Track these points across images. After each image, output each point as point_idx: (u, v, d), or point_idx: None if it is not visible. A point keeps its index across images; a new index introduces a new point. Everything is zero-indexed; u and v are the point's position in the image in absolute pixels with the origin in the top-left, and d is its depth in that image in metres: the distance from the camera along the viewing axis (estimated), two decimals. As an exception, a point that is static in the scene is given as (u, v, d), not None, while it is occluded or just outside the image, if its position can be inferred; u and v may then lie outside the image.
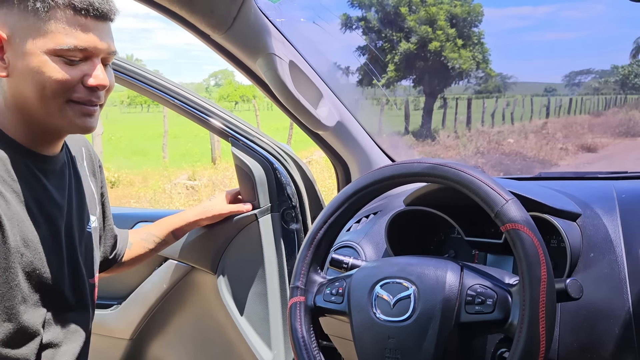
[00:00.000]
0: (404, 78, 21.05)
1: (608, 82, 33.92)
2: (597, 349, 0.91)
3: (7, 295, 0.94)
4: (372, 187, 0.98)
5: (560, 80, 41.29)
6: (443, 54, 19.72)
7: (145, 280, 1.67)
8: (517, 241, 0.80)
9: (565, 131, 16.15)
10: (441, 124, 17.65)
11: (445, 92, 21.69)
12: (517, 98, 24.06)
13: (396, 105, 17.92)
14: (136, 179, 9.26)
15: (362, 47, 19.56)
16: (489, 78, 24.04)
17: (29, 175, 0.98)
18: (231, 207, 1.51)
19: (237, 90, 59.60)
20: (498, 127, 17.44)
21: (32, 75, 0.91)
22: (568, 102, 25.14)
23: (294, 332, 0.97)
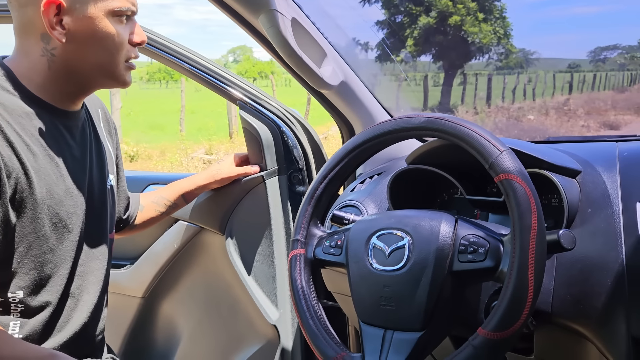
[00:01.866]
0: (423, 53, 20.75)
1: (635, 57, 33.03)
2: (590, 301, 0.92)
3: (35, 245, 0.99)
4: (371, 142, 0.99)
5: (585, 56, 40.27)
6: (463, 28, 19.36)
7: (156, 241, 1.71)
8: (510, 191, 0.81)
9: (587, 108, 15.83)
10: (460, 100, 17.43)
11: (465, 68, 21.36)
12: (539, 74, 23.58)
13: (415, 81, 17.72)
14: (154, 152, 9.37)
15: (381, 21, 19.27)
16: (510, 53, 23.55)
17: (55, 131, 1.03)
18: (239, 170, 1.53)
19: (255, 66, 59.46)
20: (518, 104, 17.17)
21: (98, 37, 0.98)
22: (592, 78, 24.59)
23: (293, 283, 0.99)
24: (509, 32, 20.74)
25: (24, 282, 0.99)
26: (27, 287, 0.99)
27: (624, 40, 67.38)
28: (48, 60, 0.99)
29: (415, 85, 17.52)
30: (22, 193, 0.95)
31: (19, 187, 0.95)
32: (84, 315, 1.09)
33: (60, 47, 0.98)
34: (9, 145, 0.94)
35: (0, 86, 0.98)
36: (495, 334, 0.78)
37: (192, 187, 1.48)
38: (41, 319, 1.02)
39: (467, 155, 0.93)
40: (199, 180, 1.49)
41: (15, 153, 0.94)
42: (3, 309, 0.98)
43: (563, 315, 0.94)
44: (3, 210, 0.93)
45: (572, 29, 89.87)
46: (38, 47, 0.98)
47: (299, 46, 1.15)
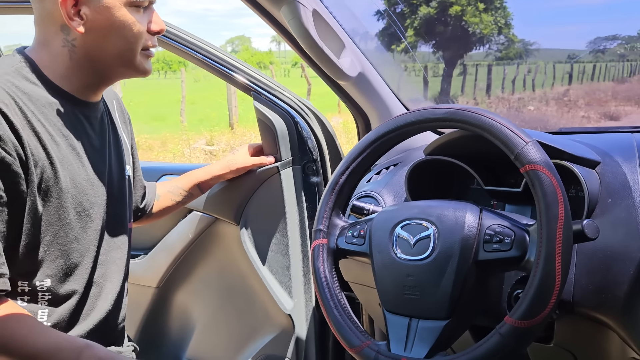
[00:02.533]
0: (424, 44, 20.69)
1: (635, 48, 32.95)
2: (612, 290, 0.93)
3: (61, 233, 1.01)
4: (394, 133, 1.00)
5: (585, 47, 40.16)
6: (464, 18, 19.30)
7: (170, 231, 1.72)
8: (536, 181, 0.82)
9: (587, 98, 15.82)
10: (460, 91, 17.40)
11: (465, 59, 21.30)
12: (539, 65, 23.53)
13: (414, 71, 17.67)
14: (155, 143, 9.36)
15: (383, 11, 19.16)
16: (510, 44, 23.49)
17: (76, 121, 1.04)
18: (254, 160, 1.54)
19: (253, 56, 59.24)
20: (518, 94, 17.14)
21: (117, 26, 0.98)
22: (592, 69, 24.55)
23: (316, 272, 1.01)
24: (509, 22, 20.69)
25: (51, 271, 1.01)
26: (54, 275, 1.01)
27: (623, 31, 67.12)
28: (69, 51, 1.00)
29: (415, 76, 17.48)
30: (48, 182, 0.97)
31: (44, 176, 0.96)
32: (108, 303, 1.11)
33: (79, 37, 0.98)
34: (35, 135, 0.95)
35: (25, 77, 0.99)
36: (522, 322, 0.79)
37: (208, 177, 1.49)
38: (68, 307, 1.03)
39: (484, 146, 0.94)
40: (214, 170, 1.50)
41: (40, 143, 0.96)
42: (31, 298, 1.00)
43: (585, 304, 0.96)
44: (31, 199, 0.95)
45: (571, 19, 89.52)
46: (59, 38, 0.99)
47: (320, 37, 1.16)
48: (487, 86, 17.41)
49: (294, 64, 53.84)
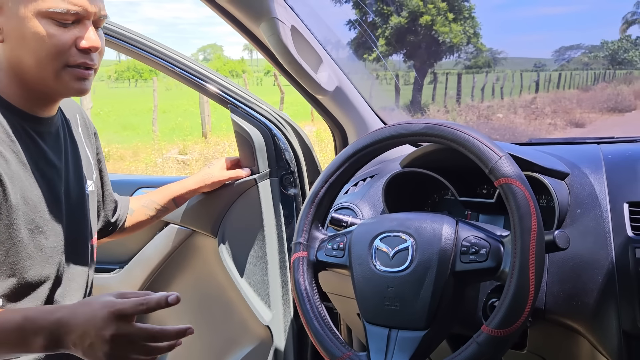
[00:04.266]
0: (395, 52, 20.96)
1: (597, 57, 33.95)
2: (582, 297, 0.97)
3: (12, 251, 0.97)
4: (372, 147, 1.02)
5: (550, 56, 41.22)
6: (434, 28, 19.63)
7: (147, 245, 1.71)
8: (510, 194, 0.85)
9: (554, 106, 16.22)
10: (431, 99, 17.66)
11: (436, 67, 21.65)
12: (506, 73, 24.05)
13: (386, 80, 17.87)
14: (127, 153, 9.24)
15: (353, 21, 19.38)
16: (479, 53, 23.98)
17: (26, 137, 1.00)
18: (230, 174, 1.54)
19: (225, 65, 59.03)
20: (488, 102, 17.49)
21: (28, 39, 0.93)
22: (557, 77, 25.20)
23: (297, 285, 1.02)
24: (478, 32, 21.13)
25: (4, 290, 0.97)
26: (7, 295, 0.97)
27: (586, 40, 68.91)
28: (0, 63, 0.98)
29: (387, 84, 17.67)
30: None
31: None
32: None
33: (0, 47, 0.96)
34: None
35: None
36: (499, 331, 0.82)
37: (183, 191, 1.48)
38: None
39: (458, 159, 0.97)
40: (189, 184, 1.49)
41: None
42: None
43: (556, 311, 0.99)
44: None
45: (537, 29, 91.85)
46: None
47: (298, 52, 1.18)
48: (457, 94, 17.70)
49: (267, 72, 53.82)
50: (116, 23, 1.48)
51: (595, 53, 34.82)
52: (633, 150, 1.13)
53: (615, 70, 30.85)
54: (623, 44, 34.13)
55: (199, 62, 1.56)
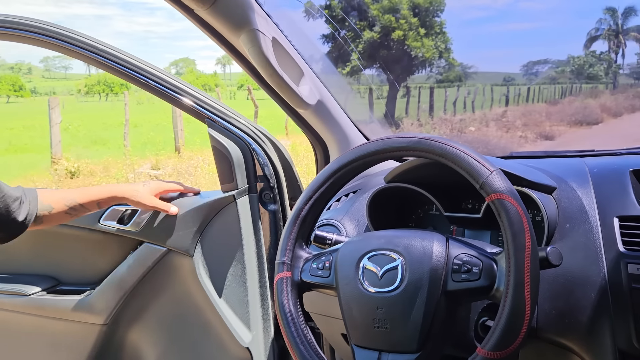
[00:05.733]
0: (368, 67, 21.16)
1: (564, 71, 34.89)
2: (575, 315, 0.94)
3: None
4: (357, 162, 0.99)
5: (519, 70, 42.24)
6: (406, 42, 19.91)
7: (120, 265, 1.63)
8: (502, 211, 0.82)
9: (524, 119, 16.56)
10: (405, 112, 17.84)
11: (408, 81, 21.91)
12: (477, 87, 24.51)
13: (360, 93, 18.01)
14: (97, 168, 9.03)
15: (327, 35, 19.52)
16: (451, 67, 24.37)
17: None
18: (156, 203, 1.50)
19: (198, 79, 58.72)
20: (460, 115, 17.75)
21: None
22: (526, 91, 25.77)
23: (281, 307, 0.97)
24: (449, 47, 21.50)
25: None
26: None
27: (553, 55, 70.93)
28: None
29: (361, 98, 17.80)
30: None
31: None
32: None
33: None
34: None
35: None
36: (495, 354, 0.78)
37: (108, 196, 1.44)
38: None
39: (443, 173, 0.94)
40: (116, 192, 1.45)
41: None
42: None
43: (549, 329, 0.97)
44: None
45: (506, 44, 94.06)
46: None
47: (279, 65, 1.14)
48: (429, 108, 17.92)
49: (240, 86, 53.68)
50: (86, 34, 1.42)
51: (562, 68, 35.83)
52: (618, 163, 1.12)
53: (581, 84, 31.75)
54: (588, 59, 35.21)
55: (174, 76, 1.51)
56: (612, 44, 41.15)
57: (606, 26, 42.42)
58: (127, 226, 1.60)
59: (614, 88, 31.06)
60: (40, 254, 1.71)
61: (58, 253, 1.70)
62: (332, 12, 20.70)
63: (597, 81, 33.42)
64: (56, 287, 1.70)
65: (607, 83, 33.51)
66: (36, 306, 1.67)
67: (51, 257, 1.71)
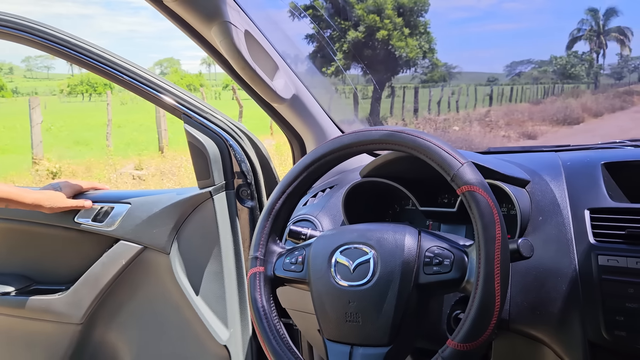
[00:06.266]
0: (353, 66, 21.20)
1: (547, 71, 35.29)
2: (546, 306, 0.95)
3: None
4: (331, 155, 0.98)
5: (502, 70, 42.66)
6: (390, 42, 19.98)
7: (95, 263, 1.61)
8: (473, 202, 0.82)
9: (507, 119, 16.71)
10: (389, 112, 17.90)
11: (393, 81, 21.99)
12: (461, 87, 24.68)
13: (345, 93, 18.02)
14: (79, 169, 8.93)
15: (311, 35, 19.51)
16: (435, 67, 24.50)
17: None
18: (71, 203, 1.53)
19: (183, 79, 58.40)
20: (444, 115, 17.85)
21: None
22: (509, 91, 26.01)
23: (253, 302, 0.96)
24: (433, 47, 21.61)
25: None
26: None
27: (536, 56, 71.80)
28: None
29: (345, 98, 17.79)
30: None
31: None
32: None
33: None
34: None
35: None
36: (465, 345, 0.78)
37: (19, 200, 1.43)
38: None
39: (419, 167, 0.93)
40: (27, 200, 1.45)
41: None
42: None
43: (520, 321, 0.97)
44: None
45: (489, 44, 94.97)
46: None
47: (252, 59, 1.13)
48: (414, 108, 18.00)
49: (225, 87, 53.46)
50: (69, 33, 1.40)
51: (545, 68, 36.23)
52: (590, 157, 1.13)
53: (563, 84, 32.14)
54: (570, 59, 35.64)
55: (153, 73, 1.49)
56: (594, 44, 41.74)
57: (588, 27, 43.03)
58: (102, 224, 1.58)
59: (595, 88, 31.50)
60: (13, 254, 1.68)
61: (31, 252, 1.67)
62: (316, 12, 20.71)
63: (578, 81, 33.85)
64: (30, 287, 1.67)
65: (588, 83, 33.97)
66: (10, 306, 1.64)
67: (24, 256, 1.68)
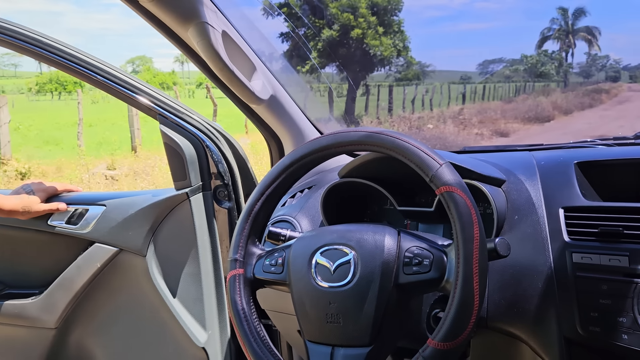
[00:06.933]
0: (328, 65, 21.24)
1: (518, 70, 35.89)
2: (523, 304, 0.96)
3: None
4: (310, 157, 0.98)
5: (475, 69, 43.21)
6: (365, 41, 20.06)
7: (70, 266, 1.58)
8: (451, 203, 0.83)
9: (480, 117, 16.95)
10: (364, 111, 17.98)
11: (368, 79, 22.09)
12: (435, 85, 24.91)
13: (320, 91, 18.07)
14: (49, 169, 8.75)
15: (285, 33, 19.47)
16: (409, 66, 24.71)
17: None
18: (46, 207, 1.53)
19: (156, 77, 57.59)
20: (418, 113, 18.01)
21: None
22: (482, 90, 26.37)
23: (233, 305, 0.96)
24: (407, 46, 21.78)
25: None
26: None
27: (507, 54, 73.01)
28: None
29: (320, 96, 17.87)
30: None
31: None
32: None
33: None
34: None
35: None
36: (445, 344, 0.79)
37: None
38: None
39: (397, 168, 0.94)
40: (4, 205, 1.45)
41: None
42: None
43: (498, 319, 0.98)
44: None
45: (462, 43, 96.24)
46: None
47: (230, 60, 1.12)
48: (389, 106, 18.11)
49: (199, 85, 52.98)
50: (37, 30, 1.37)
51: (516, 66, 36.84)
52: (564, 156, 1.15)
53: (534, 82, 32.74)
54: (541, 58, 36.33)
55: (126, 73, 1.47)
56: (563, 43, 42.62)
57: (557, 26, 43.91)
58: (77, 226, 1.56)
59: (565, 86, 32.18)
60: (-16, 258, 1.64)
61: (4, 256, 1.63)
62: (291, 10, 20.67)
63: (549, 79, 34.53)
64: (2, 292, 1.63)
65: (558, 81, 34.68)
66: (-19, 312, 1.60)
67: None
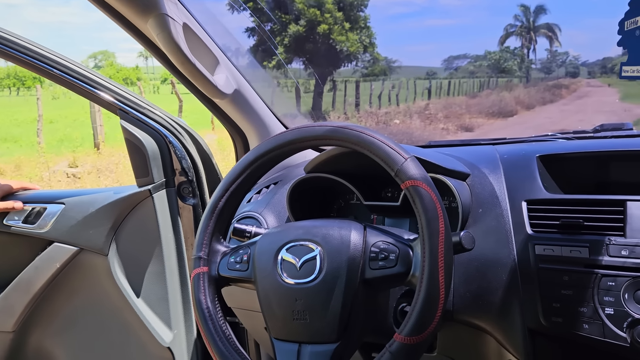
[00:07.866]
0: (294, 60, 21.17)
1: (482, 66, 36.52)
2: (487, 296, 0.97)
3: None
4: (274, 152, 0.97)
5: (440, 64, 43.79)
6: (331, 36, 20.07)
7: (27, 267, 1.53)
8: (417, 197, 0.83)
9: (445, 112, 17.18)
10: (331, 106, 18.00)
11: (335, 75, 22.12)
12: (401, 81, 25.10)
13: (287, 87, 18.01)
14: (7, 167, 8.46)
15: (251, 28, 19.32)
16: (375, 61, 24.85)
17: None
18: (0, 205, 1.50)
19: (119, 72, 56.41)
20: (385, 109, 18.12)
21: None
22: (447, 85, 26.73)
23: (198, 304, 0.94)
24: (373, 42, 21.89)
25: None
26: None
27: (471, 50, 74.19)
28: None
29: (288, 92, 17.80)
30: None
31: None
32: None
33: None
34: None
35: None
36: (411, 339, 0.79)
37: None
38: None
39: (362, 162, 0.94)
40: None
41: None
42: None
43: (464, 311, 0.99)
44: None
45: (427, 39, 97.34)
46: None
47: (192, 53, 1.09)
48: (356, 101, 18.17)
49: (164, 80, 52.08)
50: None
51: (480, 62, 37.49)
52: (526, 149, 1.17)
53: (497, 78, 33.38)
54: (503, 54, 37.05)
55: (87, 67, 1.42)
56: (525, 40, 43.56)
57: (519, 23, 44.84)
58: (34, 225, 1.50)
59: (527, 82, 32.91)
60: None
61: (-44, 257, 1.57)
62: (256, 5, 20.51)
63: (511, 75, 35.26)
64: (-45, 295, 1.56)
65: (520, 77, 35.44)
66: None
67: (-52, 262, 1.57)
